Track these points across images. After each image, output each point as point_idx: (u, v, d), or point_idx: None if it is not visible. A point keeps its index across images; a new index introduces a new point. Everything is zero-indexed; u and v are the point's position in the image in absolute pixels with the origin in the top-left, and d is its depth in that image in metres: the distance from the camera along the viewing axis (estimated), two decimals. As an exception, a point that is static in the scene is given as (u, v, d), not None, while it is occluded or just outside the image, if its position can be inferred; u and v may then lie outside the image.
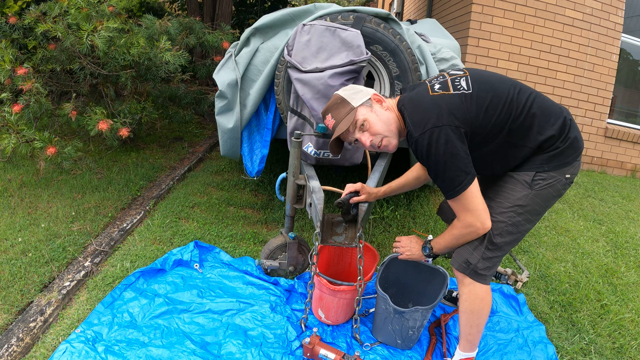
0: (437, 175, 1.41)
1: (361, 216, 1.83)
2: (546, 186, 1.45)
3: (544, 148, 1.43)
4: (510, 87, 1.44)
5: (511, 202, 1.48)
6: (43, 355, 1.65)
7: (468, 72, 1.48)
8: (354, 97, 1.51)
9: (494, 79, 1.47)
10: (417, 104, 1.43)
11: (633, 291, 2.43)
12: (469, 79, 1.45)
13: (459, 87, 1.43)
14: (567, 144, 1.43)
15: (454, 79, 1.47)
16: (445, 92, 1.42)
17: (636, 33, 5.09)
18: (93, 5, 2.94)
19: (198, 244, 2.37)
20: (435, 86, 1.46)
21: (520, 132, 1.42)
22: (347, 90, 1.55)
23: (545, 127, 1.41)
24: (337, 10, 2.24)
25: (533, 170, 1.45)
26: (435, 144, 1.35)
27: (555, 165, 1.44)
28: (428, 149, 1.36)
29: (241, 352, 1.72)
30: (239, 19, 7.44)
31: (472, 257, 1.51)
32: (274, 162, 3.92)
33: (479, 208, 1.42)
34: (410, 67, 2.27)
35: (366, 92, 1.53)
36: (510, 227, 1.48)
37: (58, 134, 3.45)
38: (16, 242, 2.34)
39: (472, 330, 1.62)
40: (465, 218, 1.45)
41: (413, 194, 3.42)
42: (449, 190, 1.41)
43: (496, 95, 1.41)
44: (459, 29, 4.81)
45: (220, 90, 2.41)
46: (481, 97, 1.41)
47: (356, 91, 1.53)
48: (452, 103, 1.39)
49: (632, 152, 5.17)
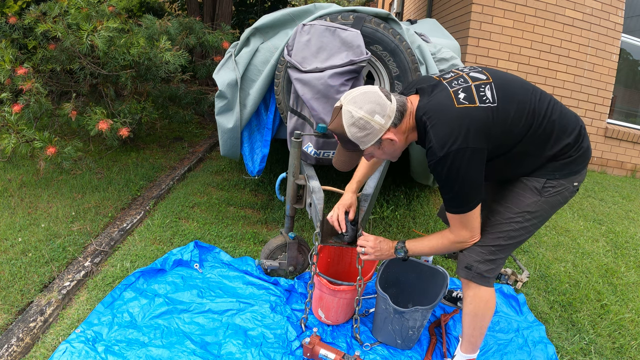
0: (447, 191, 1.38)
1: (361, 216, 1.83)
2: (555, 193, 1.45)
3: (558, 156, 1.42)
4: (531, 95, 1.40)
5: (520, 207, 1.47)
6: (43, 355, 1.65)
7: (491, 78, 1.40)
8: (363, 141, 1.38)
9: (516, 85, 1.41)
10: (441, 117, 1.33)
11: (633, 291, 2.43)
12: (493, 88, 1.38)
13: (485, 99, 1.35)
14: (580, 153, 1.42)
15: (478, 86, 1.38)
16: (471, 105, 1.34)
17: (636, 33, 5.09)
18: (93, 5, 2.94)
19: (198, 244, 2.37)
20: (459, 95, 1.36)
21: (538, 141, 1.40)
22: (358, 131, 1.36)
23: (562, 137, 1.40)
24: (337, 10, 2.24)
25: (544, 177, 1.44)
26: (457, 166, 1.31)
27: (565, 174, 1.44)
28: (449, 169, 1.31)
29: (241, 352, 1.72)
30: (239, 19, 7.44)
31: (473, 261, 1.51)
32: (274, 162, 3.92)
33: (476, 226, 1.46)
34: (410, 67, 2.27)
35: (378, 132, 1.37)
36: (517, 231, 1.49)
37: (58, 134, 3.45)
38: (16, 242, 2.34)
39: (475, 333, 1.62)
40: (460, 232, 1.47)
41: (413, 194, 3.42)
42: (456, 207, 1.40)
43: (519, 106, 1.37)
44: (459, 29, 4.81)
45: (220, 90, 2.41)
46: (506, 111, 1.36)
47: (367, 133, 1.36)
48: (479, 120, 1.32)
49: (632, 152, 5.17)
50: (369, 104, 1.35)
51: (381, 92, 1.38)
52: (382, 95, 1.37)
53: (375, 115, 1.35)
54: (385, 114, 1.35)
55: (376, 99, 1.35)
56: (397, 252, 1.62)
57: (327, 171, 3.77)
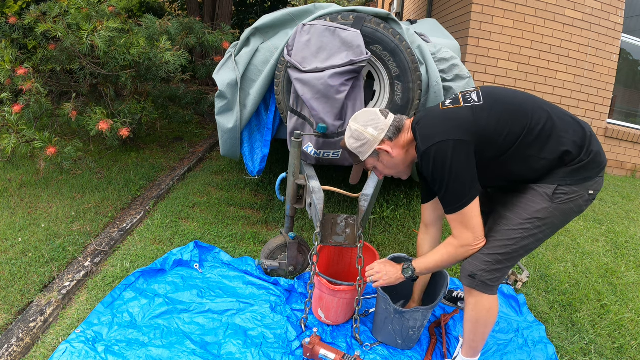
0: (440, 189, 1.41)
1: (361, 216, 1.83)
2: (567, 201, 1.42)
3: (566, 161, 1.40)
4: (524, 100, 1.43)
5: (529, 213, 1.44)
6: (43, 355, 1.65)
7: (479, 88, 1.51)
8: (361, 151, 1.56)
9: (506, 92, 1.47)
10: (427, 119, 1.46)
11: (633, 291, 2.43)
12: (480, 93, 1.46)
13: (469, 100, 1.45)
14: (590, 157, 1.40)
15: (465, 93, 1.50)
16: (455, 106, 1.45)
17: (636, 33, 5.09)
18: (93, 5, 2.94)
19: (198, 244, 2.37)
20: (446, 102, 1.50)
21: (537, 144, 1.39)
22: (354, 142, 1.55)
23: (564, 138, 1.39)
24: (337, 10, 2.24)
25: (555, 184, 1.42)
26: (441, 158, 1.36)
27: (578, 180, 1.40)
28: (434, 162, 1.37)
29: (241, 352, 1.72)
30: (239, 19, 7.45)
31: (478, 269, 1.48)
32: (274, 162, 3.92)
33: (477, 226, 1.43)
34: (410, 67, 2.27)
35: (372, 142, 1.53)
36: (526, 239, 1.45)
37: (58, 134, 3.45)
38: (16, 242, 2.34)
39: (477, 338, 1.61)
40: (462, 235, 1.45)
41: (413, 194, 3.42)
42: (451, 205, 1.41)
43: (508, 106, 1.41)
44: (459, 29, 4.81)
45: (220, 90, 2.41)
46: (493, 109, 1.40)
47: (362, 143, 1.54)
48: (461, 116, 1.40)
49: (632, 152, 5.17)
50: (365, 119, 1.55)
51: (379, 111, 1.57)
52: (379, 113, 1.56)
53: (369, 128, 1.53)
54: (377, 127, 1.53)
55: (371, 116, 1.55)
56: (405, 272, 1.62)
57: (327, 171, 3.77)
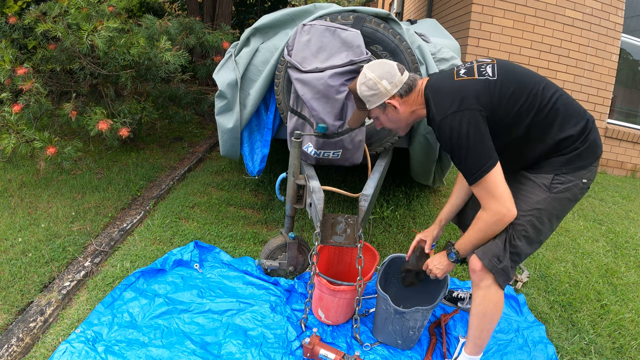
0: (459, 160, 1.42)
1: (361, 216, 1.83)
2: (564, 190, 1.45)
3: (562, 148, 1.42)
4: (536, 82, 1.45)
5: (530, 205, 1.46)
6: (43, 355, 1.65)
7: (495, 61, 1.50)
8: (370, 100, 1.59)
9: (521, 70, 1.48)
10: (440, 89, 1.47)
11: (633, 291, 2.43)
12: (495, 67, 1.47)
13: (484, 73, 1.45)
14: (586, 145, 1.42)
15: (480, 65, 1.50)
16: (469, 78, 1.45)
17: (636, 33, 5.09)
18: (93, 5, 2.94)
19: (198, 244, 2.37)
20: (460, 71, 1.49)
21: (541, 126, 1.42)
22: (366, 90, 1.58)
23: (566, 125, 1.41)
24: (337, 10, 2.24)
25: (551, 173, 1.44)
26: (457, 127, 1.38)
27: (573, 168, 1.43)
28: (450, 133, 1.39)
29: (241, 352, 1.72)
30: (239, 19, 7.44)
31: (502, 254, 1.47)
32: (274, 162, 3.92)
33: (504, 194, 1.40)
34: (410, 67, 2.27)
35: (383, 95, 1.56)
36: (529, 231, 1.46)
37: (58, 134, 3.45)
38: (16, 242, 2.34)
39: (482, 335, 1.60)
40: (490, 206, 1.41)
41: (413, 194, 3.42)
42: (472, 175, 1.41)
43: (520, 86, 1.42)
44: (459, 29, 4.81)
45: (220, 90, 2.41)
46: (505, 86, 1.42)
47: (373, 93, 1.57)
48: (475, 88, 1.42)
49: (632, 152, 5.17)
50: (381, 70, 1.56)
51: (396, 66, 1.57)
52: (396, 67, 1.57)
53: (383, 80, 1.55)
54: (392, 82, 1.54)
55: (388, 69, 1.56)
56: (449, 256, 1.62)
57: (327, 171, 3.77)
